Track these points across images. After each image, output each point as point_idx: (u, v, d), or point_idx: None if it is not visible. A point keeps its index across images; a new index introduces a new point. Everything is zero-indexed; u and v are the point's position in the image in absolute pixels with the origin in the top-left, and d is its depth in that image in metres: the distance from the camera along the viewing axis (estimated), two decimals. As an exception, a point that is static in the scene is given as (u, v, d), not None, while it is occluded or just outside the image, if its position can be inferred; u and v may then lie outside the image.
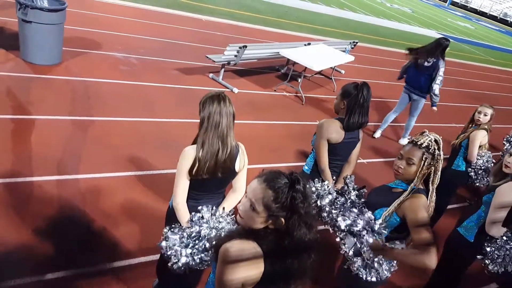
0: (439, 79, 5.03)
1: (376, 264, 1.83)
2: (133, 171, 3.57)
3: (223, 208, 1.98)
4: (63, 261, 2.55)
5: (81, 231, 2.85)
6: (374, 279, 1.85)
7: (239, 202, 1.42)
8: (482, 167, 3.58)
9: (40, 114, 3.96)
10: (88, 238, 2.82)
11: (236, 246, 1.30)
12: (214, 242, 1.44)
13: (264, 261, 1.30)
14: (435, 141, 1.90)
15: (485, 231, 2.40)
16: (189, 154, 1.86)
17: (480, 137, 3.53)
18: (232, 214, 1.91)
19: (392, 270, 1.89)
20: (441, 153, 1.91)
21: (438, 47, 5.01)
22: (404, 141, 5.77)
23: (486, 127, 3.60)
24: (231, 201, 2.08)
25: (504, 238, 2.34)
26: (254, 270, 1.30)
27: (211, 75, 6.10)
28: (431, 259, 1.70)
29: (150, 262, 2.70)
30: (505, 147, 4.46)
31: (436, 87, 5.07)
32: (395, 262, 1.89)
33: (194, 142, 1.93)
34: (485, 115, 3.59)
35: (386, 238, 1.93)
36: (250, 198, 1.33)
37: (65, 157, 3.48)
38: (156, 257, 2.45)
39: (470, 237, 2.53)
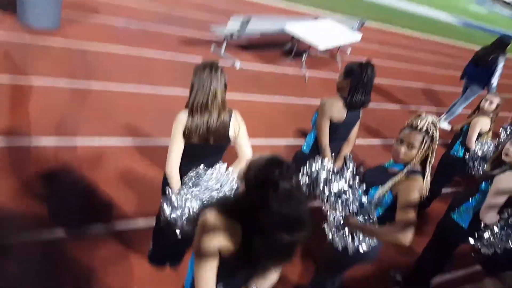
0: (498, 72, 5.37)
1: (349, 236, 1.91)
2: (131, 140, 3.56)
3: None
4: (61, 222, 2.58)
5: (78, 194, 2.88)
6: (350, 249, 1.92)
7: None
8: (482, 156, 3.54)
9: (37, 80, 3.90)
10: (86, 201, 2.85)
11: (214, 215, 1.35)
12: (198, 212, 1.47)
13: (242, 235, 1.30)
14: (433, 123, 1.90)
15: (479, 218, 2.42)
16: (182, 118, 1.91)
17: (481, 124, 3.49)
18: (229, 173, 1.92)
19: (371, 244, 1.94)
20: (438, 134, 1.91)
21: (500, 46, 5.40)
22: (444, 123, 6.07)
23: (490, 115, 3.56)
24: (237, 169, 2.04)
25: (499, 225, 2.37)
26: (231, 238, 1.32)
27: (213, 48, 5.97)
28: (407, 236, 1.73)
29: (147, 228, 2.71)
30: (502, 136, 4.39)
31: (494, 81, 5.44)
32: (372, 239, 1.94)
33: (186, 106, 1.95)
34: (491, 103, 3.53)
35: (379, 218, 1.94)
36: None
37: (63, 123, 3.46)
38: (153, 223, 2.49)
39: (464, 223, 2.54)
